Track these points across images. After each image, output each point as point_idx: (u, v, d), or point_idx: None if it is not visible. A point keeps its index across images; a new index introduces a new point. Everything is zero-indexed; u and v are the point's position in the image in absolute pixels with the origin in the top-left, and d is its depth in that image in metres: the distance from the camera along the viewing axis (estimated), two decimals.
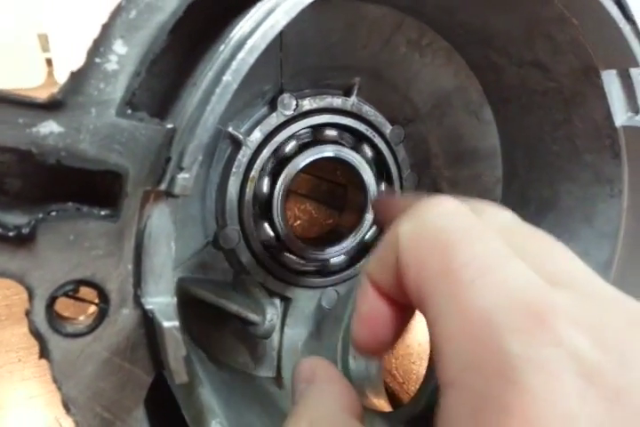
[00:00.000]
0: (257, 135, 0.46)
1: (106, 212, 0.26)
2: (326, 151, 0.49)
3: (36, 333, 0.26)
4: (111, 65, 0.24)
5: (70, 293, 0.26)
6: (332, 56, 0.47)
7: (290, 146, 0.48)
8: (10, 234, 0.24)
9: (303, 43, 0.44)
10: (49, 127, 0.24)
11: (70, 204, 0.25)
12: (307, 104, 0.48)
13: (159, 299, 0.28)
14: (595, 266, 0.27)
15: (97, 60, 0.24)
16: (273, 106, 0.47)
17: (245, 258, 0.48)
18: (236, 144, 0.46)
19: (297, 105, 0.47)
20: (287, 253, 0.50)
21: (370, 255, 0.25)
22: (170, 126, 0.26)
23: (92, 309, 0.29)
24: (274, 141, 0.47)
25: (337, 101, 0.49)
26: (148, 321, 0.28)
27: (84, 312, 0.30)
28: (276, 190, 0.48)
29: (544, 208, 0.51)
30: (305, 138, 0.49)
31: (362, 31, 0.47)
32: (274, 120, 0.47)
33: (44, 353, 0.26)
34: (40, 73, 1.10)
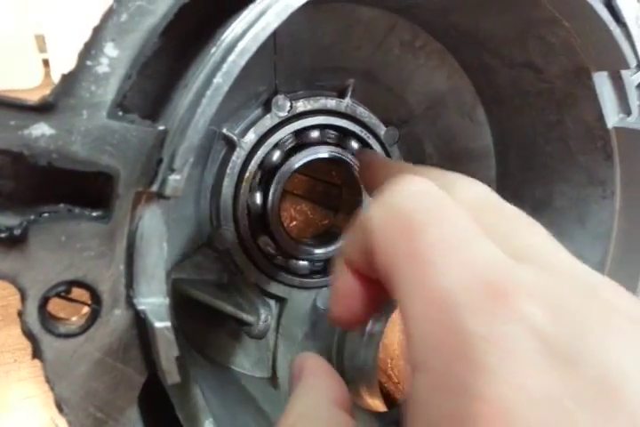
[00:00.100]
0: (251, 136, 0.47)
1: (97, 213, 0.26)
2: (320, 152, 0.49)
3: (29, 333, 0.26)
4: (102, 68, 0.24)
5: (62, 293, 0.27)
6: (327, 58, 0.47)
7: (284, 146, 0.48)
8: (2, 235, 0.24)
9: (297, 45, 0.44)
10: (40, 129, 0.24)
11: (62, 205, 0.26)
12: (301, 105, 0.48)
13: (151, 299, 0.28)
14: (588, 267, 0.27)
15: (88, 63, 0.24)
16: (267, 107, 0.47)
17: (240, 259, 0.48)
18: (231, 145, 0.46)
19: (291, 106, 0.47)
20: (282, 253, 0.50)
21: (344, 235, 0.25)
22: (161, 128, 0.26)
23: (86, 309, 0.29)
24: (268, 143, 0.47)
25: (331, 103, 0.49)
26: (141, 322, 0.28)
27: (80, 313, 0.30)
28: (271, 191, 0.48)
29: (538, 209, 0.51)
30: (300, 139, 0.50)
31: (355, 33, 0.47)
32: (268, 121, 0.47)
33: (37, 353, 0.26)
34: (37, 74, 1.10)
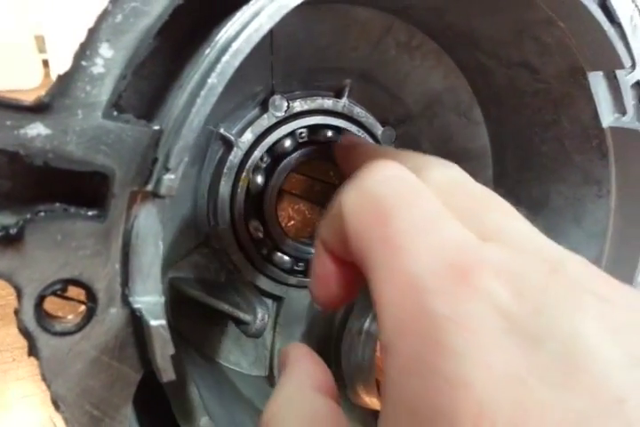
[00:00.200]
0: (248, 136, 0.47)
1: (93, 212, 0.26)
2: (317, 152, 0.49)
3: (25, 331, 0.26)
4: (97, 68, 0.25)
5: (58, 292, 0.27)
6: (323, 58, 0.48)
7: (281, 147, 0.48)
8: None
9: (294, 45, 0.45)
10: (36, 129, 0.24)
11: (58, 204, 0.26)
12: (298, 106, 0.48)
13: (147, 298, 0.28)
14: None
15: (83, 64, 0.24)
16: (264, 107, 0.47)
17: (237, 257, 0.48)
18: (228, 145, 0.47)
19: (288, 106, 0.48)
20: (279, 252, 0.50)
21: (321, 220, 0.25)
22: (156, 128, 0.26)
23: (82, 308, 0.29)
24: (265, 142, 0.47)
25: (328, 103, 0.49)
26: (136, 320, 0.28)
27: (76, 312, 0.30)
28: (268, 191, 0.48)
29: (534, 208, 0.51)
30: (297, 139, 0.50)
31: (352, 34, 0.47)
32: (265, 121, 0.47)
33: (33, 351, 0.27)
34: (37, 74, 1.10)
